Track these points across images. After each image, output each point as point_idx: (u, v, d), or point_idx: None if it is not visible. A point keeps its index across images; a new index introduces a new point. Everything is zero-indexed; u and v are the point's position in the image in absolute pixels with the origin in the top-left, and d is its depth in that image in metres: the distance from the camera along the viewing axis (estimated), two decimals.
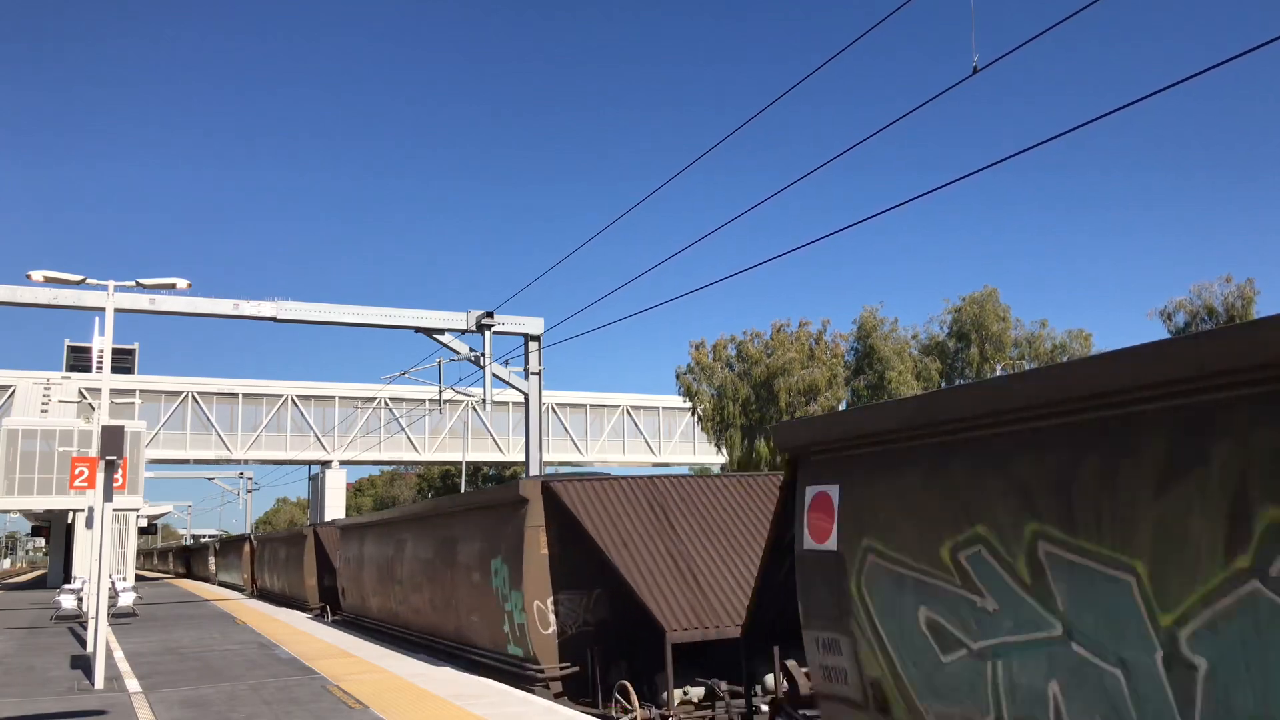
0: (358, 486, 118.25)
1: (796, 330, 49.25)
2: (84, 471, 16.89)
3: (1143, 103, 9.27)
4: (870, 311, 48.94)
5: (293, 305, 30.64)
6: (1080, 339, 48.19)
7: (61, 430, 51.47)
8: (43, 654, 20.66)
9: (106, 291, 18.93)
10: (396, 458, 78.28)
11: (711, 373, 49.59)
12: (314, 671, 16.47)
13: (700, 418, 50.18)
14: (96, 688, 15.20)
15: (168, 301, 28.89)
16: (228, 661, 18.33)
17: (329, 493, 71.84)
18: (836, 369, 47.30)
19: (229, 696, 14.01)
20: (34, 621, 30.63)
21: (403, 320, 31.39)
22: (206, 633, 24.79)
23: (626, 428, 79.23)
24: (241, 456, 69.97)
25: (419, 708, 12.43)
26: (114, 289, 18.99)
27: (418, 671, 15.97)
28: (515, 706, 12.35)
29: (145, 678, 16.29)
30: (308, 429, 71.36)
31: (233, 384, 69.96)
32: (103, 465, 16.21)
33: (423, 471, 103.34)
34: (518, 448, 67.97)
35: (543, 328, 32.39)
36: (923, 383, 46.52)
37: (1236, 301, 42.09)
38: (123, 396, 59.61)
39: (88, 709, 13.22)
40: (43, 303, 27.95)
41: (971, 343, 47.72)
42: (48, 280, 18.22)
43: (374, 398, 72.21)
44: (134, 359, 71.18)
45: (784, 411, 45.26)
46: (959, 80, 10.69)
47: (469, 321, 31.37)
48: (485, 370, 31.33)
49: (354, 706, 12.71)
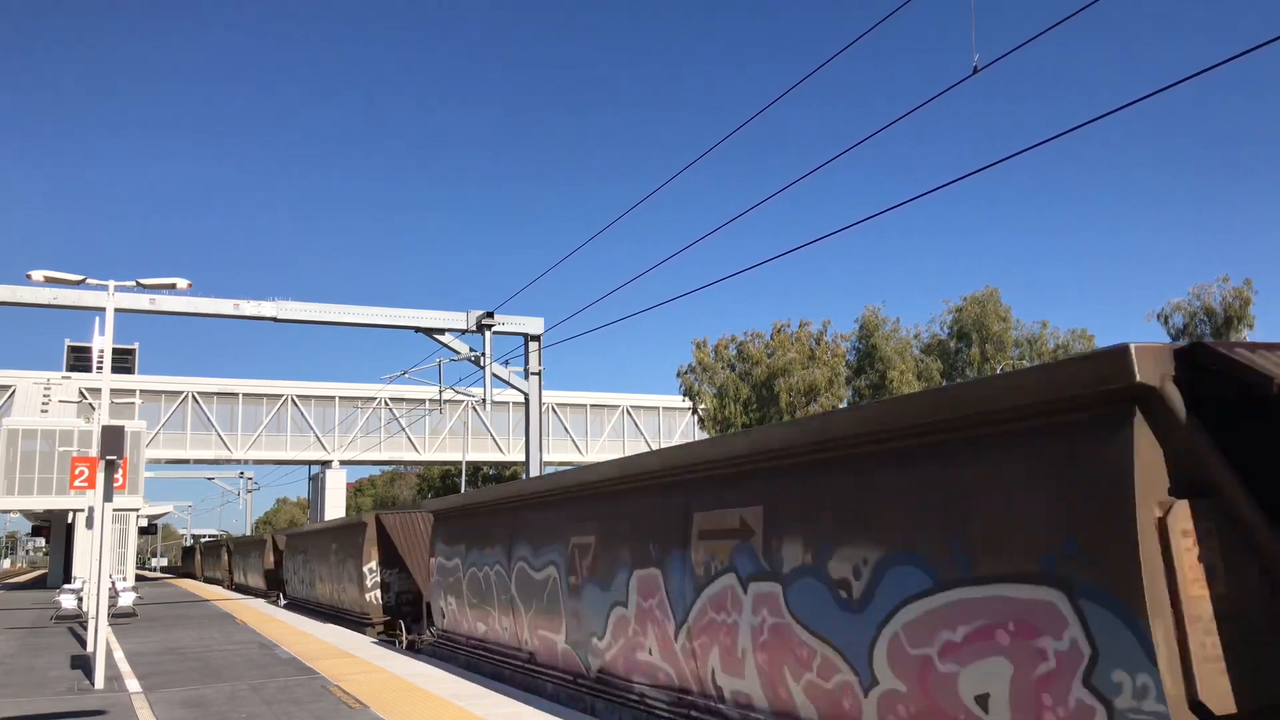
0: (358, 486, 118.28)
1: (797, 330, 49.28)
2: (84, 471, 16.88)
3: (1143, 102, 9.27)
4: (872, 311, 49.00)
5: (293, 305, 30.63)
6: (1082, 338, 48.20)
7: (61, 430, 51.47)
8: (43, 654, 20.65)
9: (106, 291, 18.91)
10: (396, 458, 78.30)
11: (713, 373, 49.62)
12: (314, 671, 16.46)
13: (701, 418, 50.21)
14: (96, 688, 15.19)
15: (168, 301, 28.88)
16: (228, 661, 18.32)
17: (329, 493, 71.85)
18: (837, 369, 47.33)
19: (229, 696, 14.00)
20: (34, 621, 30.62)
21: (403, 320, 31.39)
22: (207, 633, 24.78)
23: (626, 428, 79.24)
24: (241, 456, 69.98)
25: (419, 708, 12.42)
26: (114, 289, 18.97)
27: (418, 672, 15.96)
28: (515, 706, 12.35)
29: (145, 678, 16.28)
30: (308, 429, 71.36)
31: (233, 384, 69.97)
32: (103, 465, 16.20)
33: (423, 471, 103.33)
34: (518, 448, 67.96)
35: (543, 328, 32.40)
36: (924, 382, 46.52)
37: (1235, 302, 42.08)
38: (123, 396, 59.64)
39: (88, 709, 13.21)
40: (43, 303, 27.96)
41: (973, 343, 47.74)
42: (48, 280, 18.20)
43: (374, 398, 72.21)
44: (134, 359, 71.24)
45: (785, 411, 45.26)
46: (959, 80, 10.69)
47: (469, 321, 31.36)
48: (485, 370, 31.32)
49: (354, 706, 12.70)
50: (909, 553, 6.59)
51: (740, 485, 8.79)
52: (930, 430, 6.53)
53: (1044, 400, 5.71)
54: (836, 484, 7.45)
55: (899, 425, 6.76)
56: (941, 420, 6.39)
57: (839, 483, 7.42)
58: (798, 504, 7.93)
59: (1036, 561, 5.65)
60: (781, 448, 8.17)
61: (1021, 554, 5.76)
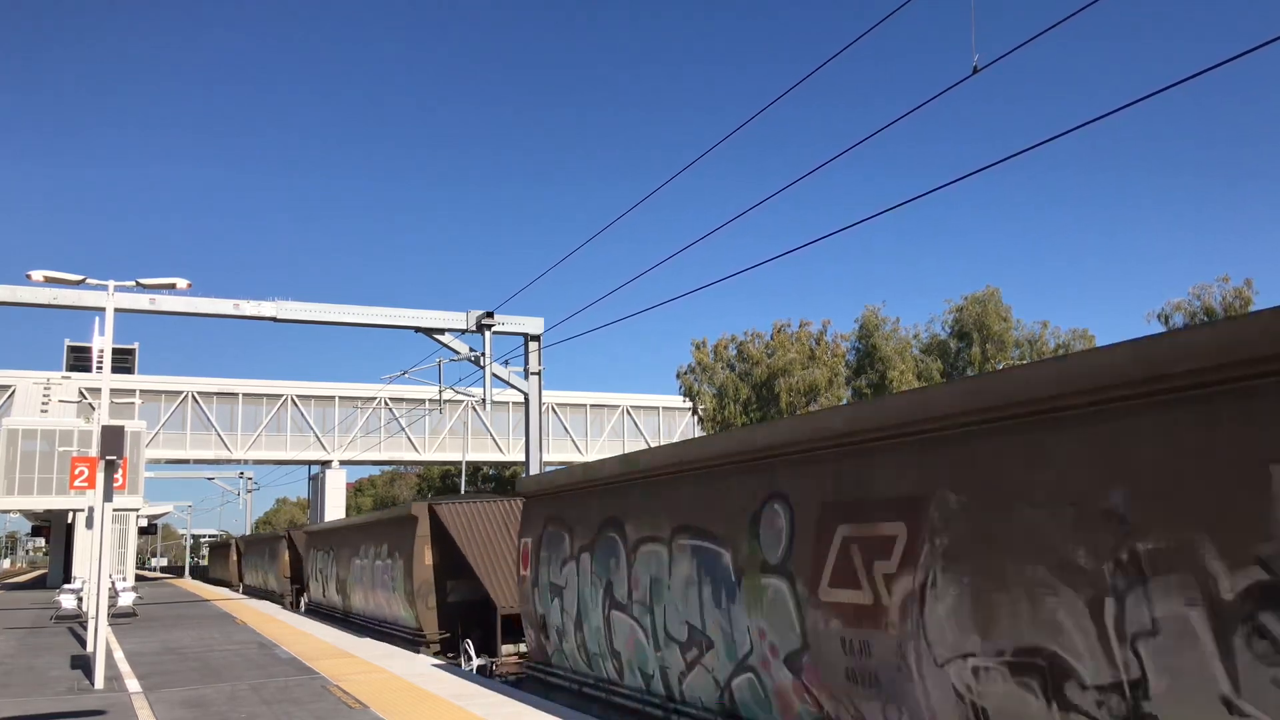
0: (358, 486, 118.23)
1: (798, 330, 49.28)
2: (84, 471, 16.87)
3: (1143, 102, 9.26)
4: (872, 311, 48.98)
5: (293, 305, 30.62)
6: (1083, 338, 48.19)
7: (61, 430, 51.48)
8: (43, 654, 20.64)
9: (106, 291, 18.91)
10: (396, 458, 78.28)
11: (713, 373, 49.60)
12: (314, 671, 16.46)
13: (701, 418, 50.17)
14: (96, 688, 15.18)
15: (168, 301, 28.87)
16: (228, 661, 18.31)
17: (329, 493, 71.85)
18: (837, 369, 47.33)
19: (229, 696, 13.99)
20: (34, 621, 30.62)
21: (403, 320, 31.37)
22: (206, 632, 24.77)
23: (626, 428, 79.23)
24: (241, 456, 69.97)
25: (419, 708, 12.41)
26: (114, 289, 18.96)
27: (418, 671, 15.96)
28: (515, 706, 12.34)
29: (145, 678, 16.28)
30: (308, 429, 71.36)
31: (233, 384, 69.96)
32: (103, 465, 16.19)
33: (423, 471, 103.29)
34: (518, 448, 67.96)
35: (543, 328, 32.38)
36: (923, 383, 46.51)
37: (1235, 302, 42.06)
38: (123, 396, 59.64)
39: (88, 709, 13.21)
40: (43, 303, 27.95)
41: (973, 342, 47.73)
42: (48, 280, 18.19)
43: (374, 398, 72.21)
44: (134, 359, 71.23)
45: (785, 411, 45.25)
46: (959, 80, 10.68)
47: (469, 321, 31.35)
48: (485, 370, 31.31)
49: (354, 706, 12.69)
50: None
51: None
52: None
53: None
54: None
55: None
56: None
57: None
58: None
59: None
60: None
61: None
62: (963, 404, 7.42)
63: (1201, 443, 5.70)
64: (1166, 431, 5.90)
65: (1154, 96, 9.05)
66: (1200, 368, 5.70)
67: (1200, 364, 5.70)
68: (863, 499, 8.28)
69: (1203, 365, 5.69)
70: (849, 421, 8.64)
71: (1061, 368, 6.66)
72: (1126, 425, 6.14)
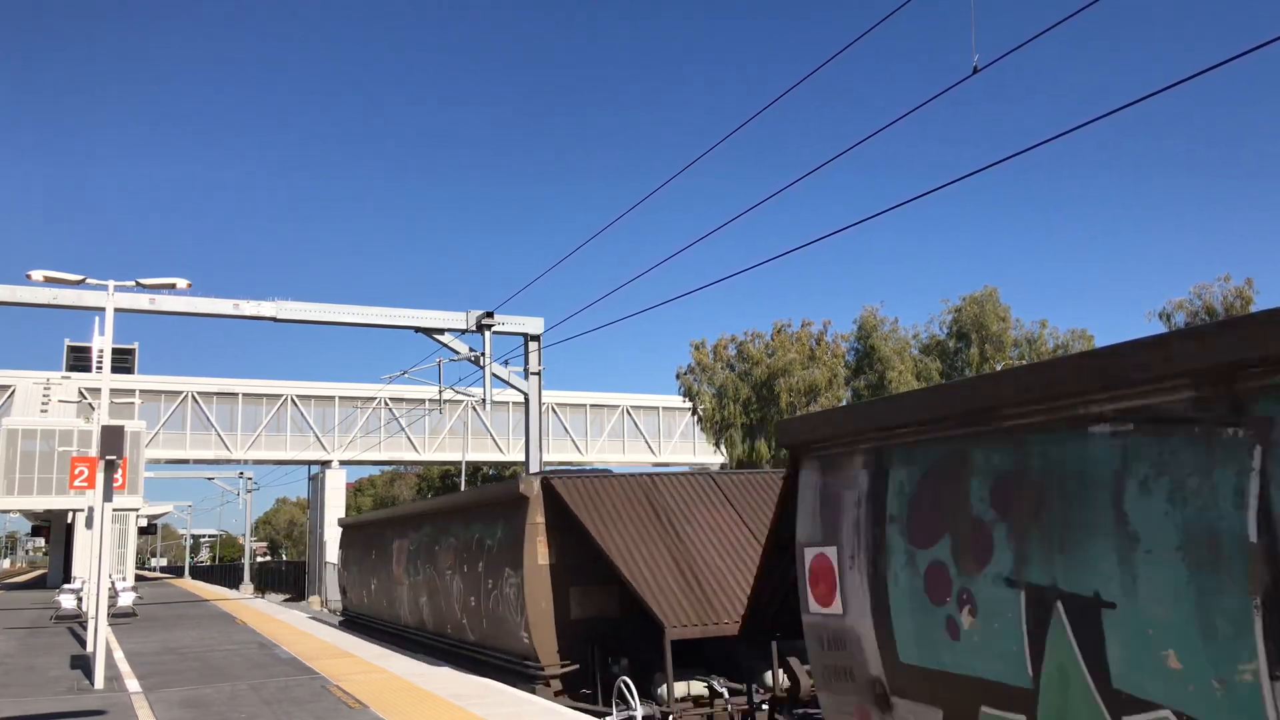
0: (358, 486, 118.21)
1: (798, 330, 49.29)
2: (84, 471, 16.88)
3: (1143, 103, 9.26)
4: (870, 311, 48.97)
5: (293, 305, 30.62)
6: (1082, 338, 48.17)
7: (61, 430, 51.47)
8: (43, 654, 20.65)
9: (106, 291, 18.92)
10: (396, 458, 78.28)
11: (712, 373, 49.60)
12: (314, 671, 16.46)
13: (701, 418, 50.16)
14: (96, 688, 15.19)
15: (168, 301, 28.87)
16: (228, 661, 18.32)
17: (329, 493, 71.84)
18: (837, 369, 47.32)
19: (229, 696, 14.00)
20: (34, 621, 30.62)
21: (403, 320, 31.38)
22: (206, 632, 24.78)
23: (626, 428, 79.23)
24: (241, 456, 69.95)
25: (419, 707, 12.42)
26: (114, 289, 18.98)
27: (417, 671, 15.96)
28: (515, 706, 12.35)
29: (145, 677, 16.28)
30: (308, 429, 71.35)
31: (233, 384, 69.97)
32: (103, 465, 16.21)
33: (422, 471, 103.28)
34: (518, 448, 67.92)
35: (543, 328, 32.38)
36: (923, 383, 46.50)
37: (1235, 302, 42.07)
38: (123, 396, 59.59)
39: (88, 709, 13.21)
40: (43, 303, 27.94)
41: (972, 343, 47.71)
42: (48, 280, 18.21)
43: (374, 398, 72.20)
44: (134, 359, 71.20)
45: (784, 411, 45.24)
46: (959, 80, 10.68)
47: (469, 321, 31.36)
48: (485, 370, 31.32)
49: (354, 706, 12.70)
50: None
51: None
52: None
53: None
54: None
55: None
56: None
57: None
58: None
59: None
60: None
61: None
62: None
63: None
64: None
65: (1154, 96, 9.05)
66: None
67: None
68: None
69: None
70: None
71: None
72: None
